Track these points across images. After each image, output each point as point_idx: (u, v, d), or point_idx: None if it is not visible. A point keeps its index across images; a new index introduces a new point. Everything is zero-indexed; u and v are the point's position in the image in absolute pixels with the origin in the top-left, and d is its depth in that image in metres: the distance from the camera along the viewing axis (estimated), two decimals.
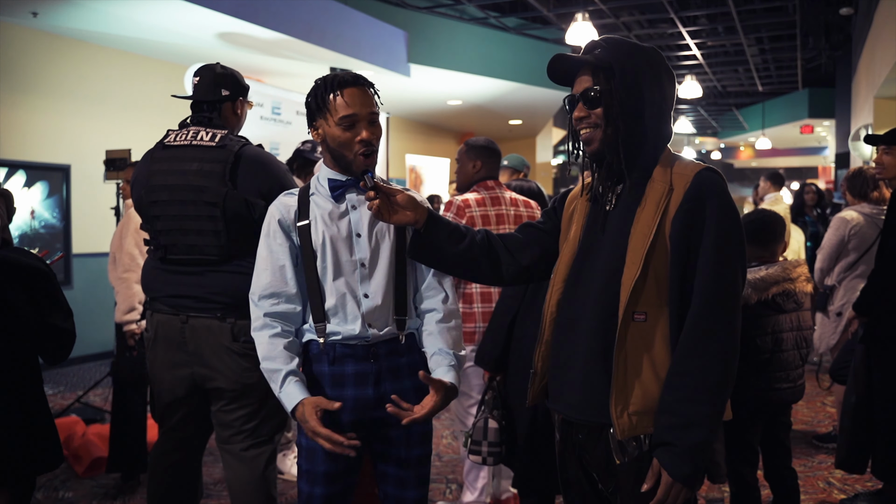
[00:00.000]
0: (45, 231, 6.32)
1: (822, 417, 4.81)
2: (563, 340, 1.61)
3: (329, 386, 1.83)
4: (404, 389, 1.86)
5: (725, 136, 22.28)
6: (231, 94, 2.52)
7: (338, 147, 1.82)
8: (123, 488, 3.54)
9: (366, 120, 1.81)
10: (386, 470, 1.93)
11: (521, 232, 1.82)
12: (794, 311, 2.70)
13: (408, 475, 1.91)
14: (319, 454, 1.84)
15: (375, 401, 1.84)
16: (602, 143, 1.57)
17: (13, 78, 6.09)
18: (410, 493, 1.92)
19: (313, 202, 1.88)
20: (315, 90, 1.85)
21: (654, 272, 1.49)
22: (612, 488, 1.56)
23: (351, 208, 1.87)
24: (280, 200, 1.91)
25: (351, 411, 1.83)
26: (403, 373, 1.87)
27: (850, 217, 3.93)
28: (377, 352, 1.84)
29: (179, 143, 2.39)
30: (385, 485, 1.94)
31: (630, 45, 1.57)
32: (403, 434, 1.89)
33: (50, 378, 6.05)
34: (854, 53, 10.76)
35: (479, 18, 9.73)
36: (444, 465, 3.93)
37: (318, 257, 1.83)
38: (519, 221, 3.07)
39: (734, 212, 1.51)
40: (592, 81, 1.56)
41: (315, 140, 1.89)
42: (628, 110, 1.53)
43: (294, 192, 1.93)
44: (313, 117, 1.86)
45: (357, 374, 1.83)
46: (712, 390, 1.45)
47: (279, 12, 6.44)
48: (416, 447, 1.91)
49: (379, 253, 1.86)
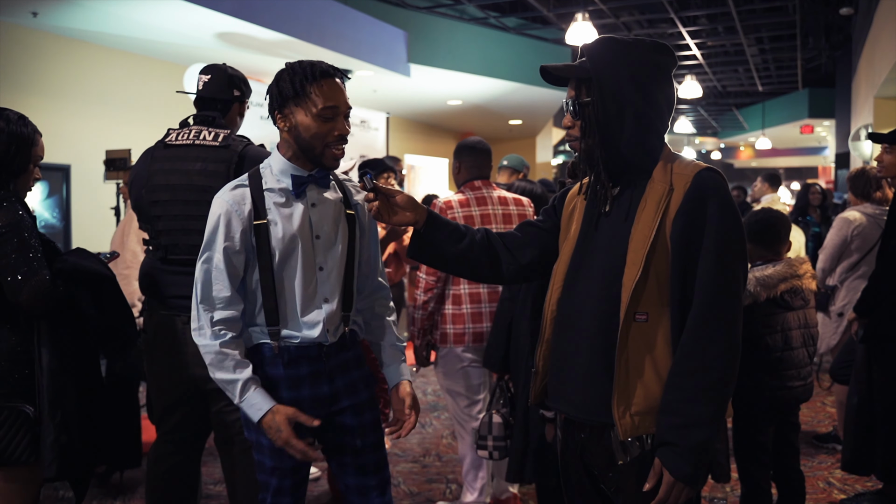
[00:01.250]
0: (45, 231, 6.29)
1: (822, 417, 4.80)
2: (563, 340, 1.61)
3: (285, 388, 1.80)
4: (353, 381, 1.90)
5: (725, 136, 22.30)
6: (241, 95, 2.55)
7: (310, 138, 1.75)
8: (123, 488, 3.54)
9: (343, 114, 1.78)
10: (343, 460, 1.93)
11: (521, 230, 1.82)
12: (802, 309, 2.70)
13: (366, 461, 1.92)
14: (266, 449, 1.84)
15: (330, 397, 1.86)
16: (583, 153, 1.59)
17: (13, 78, 6.09)
18: (371, 479, 1.93)
19: (269, 198, 1.78)
20: (290, 75, 1.74)
21: (654, 272, 1.49)
22: (614, 488, 1.56)
23: (311, 206, 1.81)
24: (230, 195, 1.77)
25: (309, 410, 1.80)
26: (351, 365, 1.90)
27: (854, 217, 3.92)
28: (329, 351, 1.84)
29: (181, 143, 2.37)
30: (345, 476, 1.94)
31: (616, 51, 1.54)
32: (358, 422, 1.90)
33: None
34: (854, 53, 10.77)
35: (479, 18, 9.73)
36: (444, 465, 3.93)
37: (277, 259, 1.76)
38: (508, 220, 3.06)
39: (734, 211, 1.51)
40: (575, 93, 1.57)
41: (278, 126, 1.79)
42: (605, 124, 1.53)
43: (244, 183, 1.80)
44: (284, 103, 1.75)
45: (312, 374, 1.83)
46: (714, 390, 1.45)
47: (279, 12, 6.44)
48: (369, 433, 1.93)
49: (335, 254, 1.84)
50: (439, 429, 4.49)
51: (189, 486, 2.51)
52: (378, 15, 8.27)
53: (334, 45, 7.23)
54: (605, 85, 1.52)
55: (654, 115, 1.55)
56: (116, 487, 3.55)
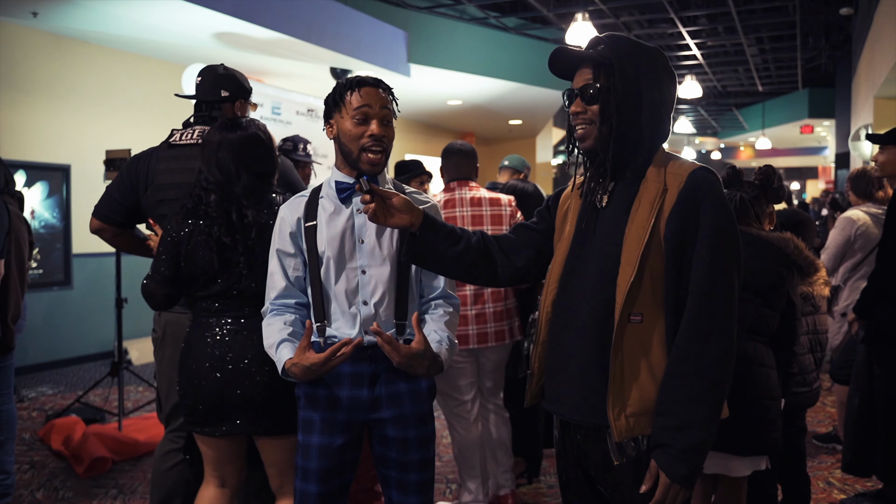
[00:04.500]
0: (45, 231, 6.32)
1: (822, 417, 4.80)
2: (559, 341, 1.61)
3: (324, 385, 1.85)
4: (399, 392, 1.87)
5: (725, 136, 22.29)
6: (231, 94, 2.53)
7: (347, 142, 1.85)
8: (123, 487, 3.54)
9: (378, 117, 1.84)
10: (388, 474, 1.93)
11: (515, 233, 1.82)
12: (811, 315, 2.69)
13: (408, 479, 1.90)
14: (313, 450, 1.85)
15: (370, 402, 1.85)
16: (596, 141, 1.56)
17: (13, 78, 6.09)
18: (413, 498, 1.91)
19: (321, 205, 1.90)
20: (335, 87, 1.88)
21: (649, 273, 1.48)
22: (611, 489, 1.56)
23: (356, 212, 1.88)
24: (291, 202, 1.94)
25: (346, 411, 1.84)
26: (400, 375, 1.87)
27: (857, 217, 3.91)
28: (374, 354, 1.84)
29: (185, 142, 2.41)
30: (389, 490, 1.94)
31: (632, 44, 1.56)
32: (400, 437, 1.88)
33: (50, 378, 6.05)
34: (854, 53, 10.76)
35: (479, 18, 9.72)
36: (444, 465, 3.93)
37: (322, 262, 1.86)
38: (478, 222, 3.07)
39: (728, 211, 1.50)
40: (592, 78, 1.55)
41: (328, 136, 1.91)
42: (625, 109, 1.53)
43: (305, 193, 1.96)
44: (330, 114, 1.89)
45: (353, 375, 1.84)
46: (709, 391, 1.45)
47: (279, 12, 6.44)
48: (413, 450, 1.89)
49: (382, 259, 1.87)
50: (439, 429, 4.49)
51: (192, 486, 2.51)
52: (378, 15, 8.27)
53: (334, 45, 7.23)
54: (627, 69, 1.52)
55: (665, 108, 1.57)
56: (117, 487, 3.55)
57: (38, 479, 3.69)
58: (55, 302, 6.44)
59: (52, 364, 6.41)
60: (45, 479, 3.66)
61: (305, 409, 1.88)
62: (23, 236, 3.05)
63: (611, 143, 1.54)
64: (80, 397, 4.82)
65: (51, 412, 4.85)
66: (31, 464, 3.90)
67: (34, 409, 5.02)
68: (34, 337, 6.16)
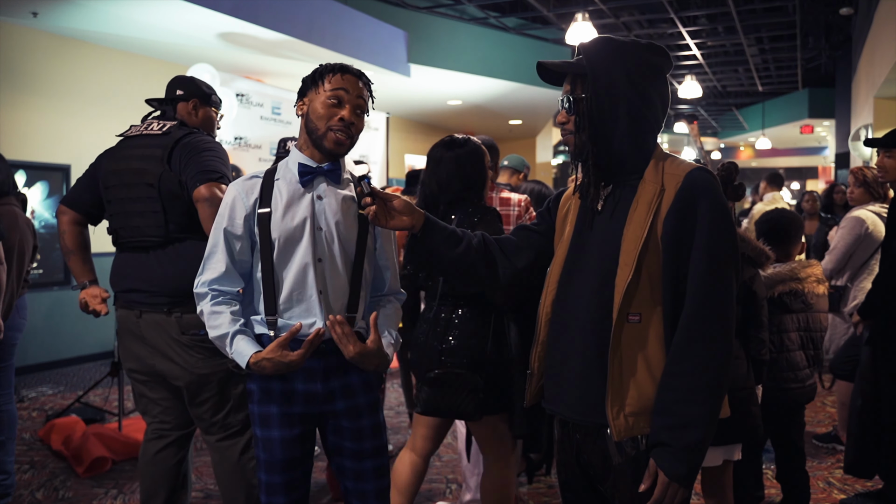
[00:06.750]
0: (45, 231, 6.32)
1: (822, 417, 4.81)
2: (558, 341, 1.62)
3: (277, 379, 1.83)
4: (352, 384, 1.89)
5: (725, 136, 22.28)
6: (185, 94, 2.64)
7: (316, 119, 1.80)
8: (123, 487, 3.54)
9: (353, 104, 1.81)
10: (342, 463, 1.93)
11: (516, 234, 1.82)
12: (802, 312, 2.70)
13: (364, 467, 1.91)
14: (276, 443, 1.85)
15: (324, 395, 1.86)
16: (577, 148, 1.59)
17: (13, 78, 6.09)
18: (369, 484, 1.92)
19: (277, 188, 1.83)
20: (317, 68, 1.86)
21: (647, 273, 1.49)
22: (610, 488, 1.57)
23: (317, 198, 1.83)
24: (242, 182, 1.85)
25: (302, 404, 1.85)
26: (350, 368, 1.87)
27: (866, 216, 3.90)
28: (325, 348, 1.82)
29: (133, 134, 2.51)
30: (344, 479, 1.95)
31: (612, 49, 1.55)
32: (355, 426, 1.89)
33: (50, 378, 6.05)
34: (854, 53, 10.76)
35: (479, 18, 9.72)
36: (444, 465, 3.93)
37: (276, 249, 1.79)
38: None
39: (726, 211, 1.50)
40: (570, 88, 1.58)
41: (297, 113, 1.87)
42: (600, 120, 1.53)
43: (259, 173, 1.88)
44: (305, 91, 1.85)
45: (306, 369, 1.83)
46: (707, 390, 1.45)
47: (279, 12, 6.44)
48: (368, 439, 1.91)
49: (340, 249, 1.83)
50: None
51: (176, 477, 2.56)
52: (378, 15, 8.27)
53: (334, 45, 7.24)
54: (600, 81, 1.52)
55: (649, 113, 1.55)
56: (117, 487, 3.56)
57: (38, 479, 3.69)
58: (55, 302, 6.44)
59: (52, 364, 6.41)
60: (45, 479, 3.66)
61: (261, 404, 1.86)
62: (27, 239, 3.09)
63: (589, 152, 1.55)
64: (80, 397, 4.82)
65: (51, 412, 4.85)
66: (31, 464, 3.90)
67: (34, 409, 5.03)
68: (34, 337, 6.17)
